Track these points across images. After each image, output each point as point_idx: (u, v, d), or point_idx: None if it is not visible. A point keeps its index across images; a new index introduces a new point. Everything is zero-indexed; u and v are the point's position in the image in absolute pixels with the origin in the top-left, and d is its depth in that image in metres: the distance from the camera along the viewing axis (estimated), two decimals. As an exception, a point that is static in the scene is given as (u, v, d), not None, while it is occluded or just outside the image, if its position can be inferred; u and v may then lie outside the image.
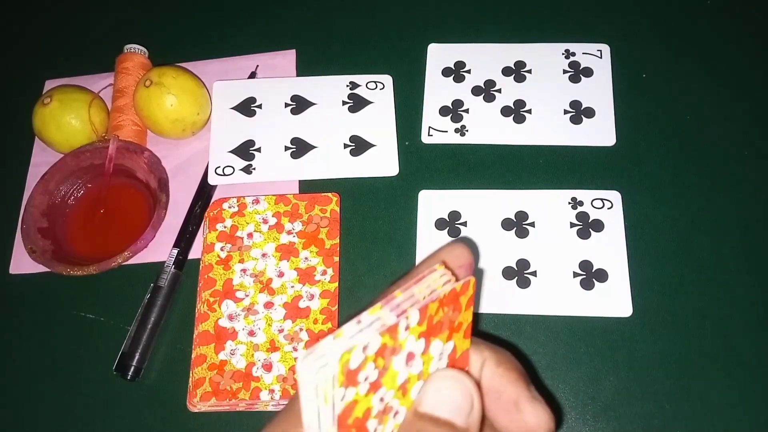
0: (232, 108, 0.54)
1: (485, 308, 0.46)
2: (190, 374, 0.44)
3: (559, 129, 0.51)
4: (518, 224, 0.47)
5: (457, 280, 0.21)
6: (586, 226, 0.47)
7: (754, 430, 0.42)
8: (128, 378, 0.45)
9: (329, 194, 0.50)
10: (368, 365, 0.19)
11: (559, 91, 0.52)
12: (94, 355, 0.47)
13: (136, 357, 0.46)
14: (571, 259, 0.46)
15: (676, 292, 0.45)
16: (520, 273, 0.46)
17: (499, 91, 0.53)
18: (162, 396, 0.46)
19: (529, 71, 0.53)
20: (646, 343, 0.44)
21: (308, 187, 0.51)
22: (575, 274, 0.46)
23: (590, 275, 0.46)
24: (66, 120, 0.52)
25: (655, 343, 0.44)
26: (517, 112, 0.52)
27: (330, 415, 0.19)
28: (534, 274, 0.46)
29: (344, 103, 0.53)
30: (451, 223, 0.48)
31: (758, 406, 0.42)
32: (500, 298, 0.46)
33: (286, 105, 0.53)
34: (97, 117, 0.54)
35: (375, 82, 0.54)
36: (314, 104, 0.53)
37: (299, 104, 0.54)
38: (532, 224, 0.47)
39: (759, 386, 0.42)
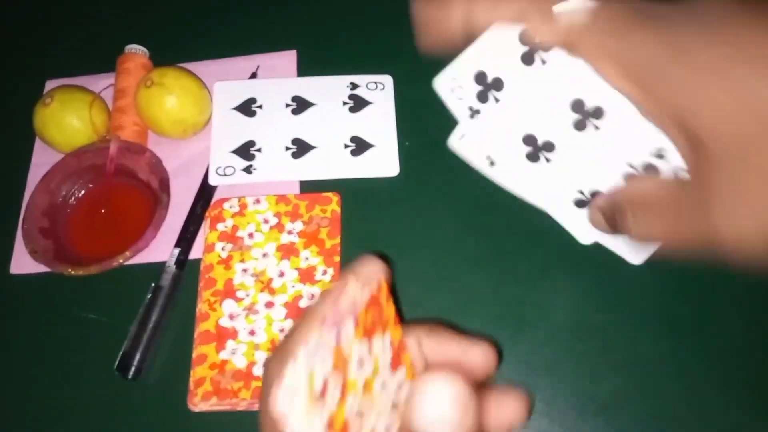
0: (233, 108, 0.54)
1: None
2: (191, 374, 0.45)
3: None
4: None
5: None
6: None
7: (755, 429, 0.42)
8: (129, 377, 0.46)
9: (330, 194, 0.50)
10: (330, 383, 0.21)
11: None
12: (95, 354, 0.47)
13: (137, 356, 0.46)
14: None
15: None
16: None
17: None
18: (163, 395, 0.46)
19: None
20: (645, 343, 0.44)
21: (309, 187, 0.52)
22: None
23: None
24: (67, 120, 0.52)
25: (655, 342, 0.44)
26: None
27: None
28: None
29: (344, 103, 0.54)
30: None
31: (758, 404, 0.42)
32: None
33: (287, 105, 0.54)
34: (98, 117, 0.54)
35: (375, 82, 0.54)
36: (315, 105, 0.54)
37: (300, 105, 0.54)
38: None
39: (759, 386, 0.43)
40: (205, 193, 0.51)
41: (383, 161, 0.51)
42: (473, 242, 0.48)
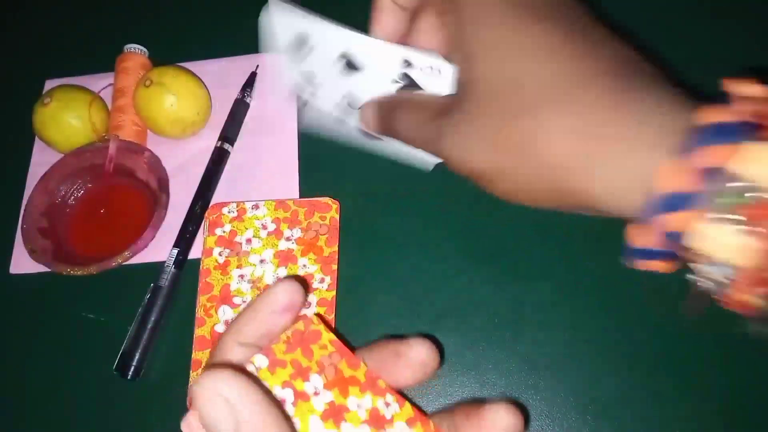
0: (287, 43, 0.45)
1: None
2: (191, 375, 0.44)
3: None
4: None
5: None
6: None
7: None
8: (128, 377, 0.46)
9: (329, 201, 0.49)
10: None
11: None
12: (94, 354, 0.47)
13: (136, 356, 0.46)
14: None
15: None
16: None
17: None
18: (162, 395, 0.46)
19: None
20: (645, 343, 0.44)
21: (310, 188, 0.51)
22: None
23: None
24: (66, 120, 0.52)
25: (655, 342, 0.44)
26: None
27: None
28: None
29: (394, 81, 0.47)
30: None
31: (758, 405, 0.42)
32: None
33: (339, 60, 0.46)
34: (97, 117, 0.54)
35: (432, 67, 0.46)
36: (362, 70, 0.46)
37: (349, 65, 0.46)
38: None
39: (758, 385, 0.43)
40: (204, 193, 0.51)
41: (420, 154, 0.46)
42: (473, 242, 0.48)
